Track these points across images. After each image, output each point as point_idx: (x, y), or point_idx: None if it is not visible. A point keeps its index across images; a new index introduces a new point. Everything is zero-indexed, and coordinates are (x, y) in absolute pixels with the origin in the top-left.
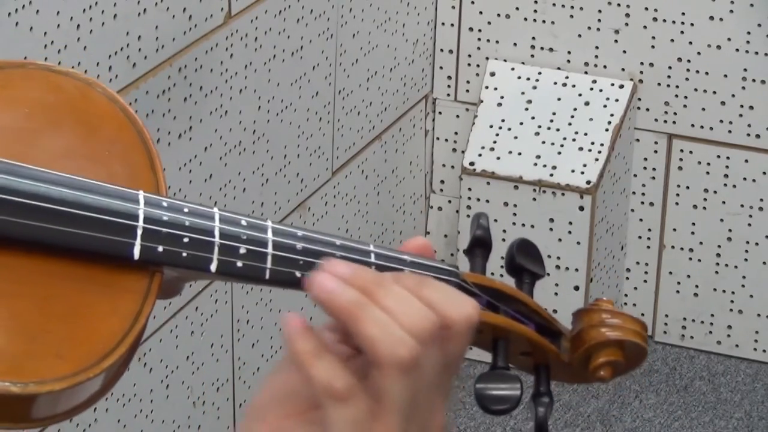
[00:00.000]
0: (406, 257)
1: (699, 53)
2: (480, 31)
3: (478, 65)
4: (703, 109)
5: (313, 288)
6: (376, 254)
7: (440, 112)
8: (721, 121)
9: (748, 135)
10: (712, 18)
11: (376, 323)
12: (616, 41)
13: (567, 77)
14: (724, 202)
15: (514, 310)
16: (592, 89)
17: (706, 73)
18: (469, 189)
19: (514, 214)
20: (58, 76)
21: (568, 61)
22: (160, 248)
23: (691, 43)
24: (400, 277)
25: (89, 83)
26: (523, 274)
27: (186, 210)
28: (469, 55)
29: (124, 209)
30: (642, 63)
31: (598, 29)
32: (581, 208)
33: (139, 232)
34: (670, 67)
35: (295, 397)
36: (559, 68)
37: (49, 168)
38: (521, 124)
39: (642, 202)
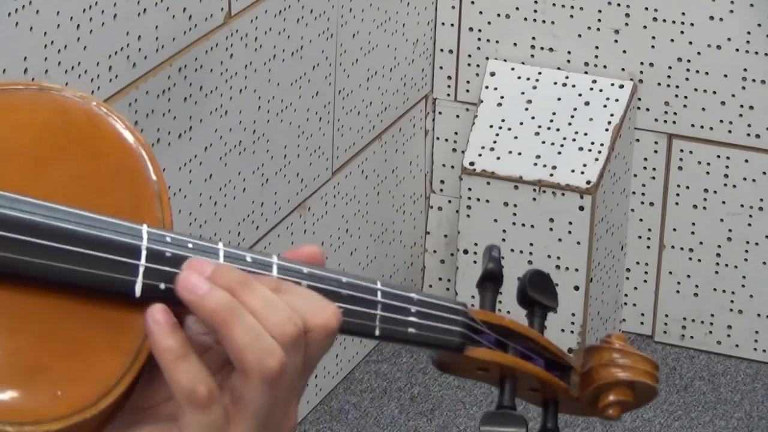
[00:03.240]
0: (413, 296)
1: (699, 53)
2: (480, 31)
3: (478, 65)
4: (703, 109)
5: (180, 288)
6: (383, 292)
7: (440, 112)
8: (721, 121)
9: (748, 135)
10: (712, 18)
11: (246, 331)
12: (616, 41)
13: (567, 77)
14: (724, 202)
15: (523, 346)
16: (592, 89)
17: (706, 73)
18: (469, 189)
19: (514, 214)
20: (67, 100)
21: (568, 61)
22: (162, 286)
23: (691, 43)
24: (262, 279)
25: (98, 107)
26: (535, 306)
27: (190, 245)
28: (469, 55)
29: (126, 246)
30: (642, 63)
31: (598, 29)
32: (581, 208)
33: (141, 269)
34: (670, 67)
35: (150, 390)
36: (559, 68)
37: (53, 198)
38: (521, 124)
39: (642, 202)
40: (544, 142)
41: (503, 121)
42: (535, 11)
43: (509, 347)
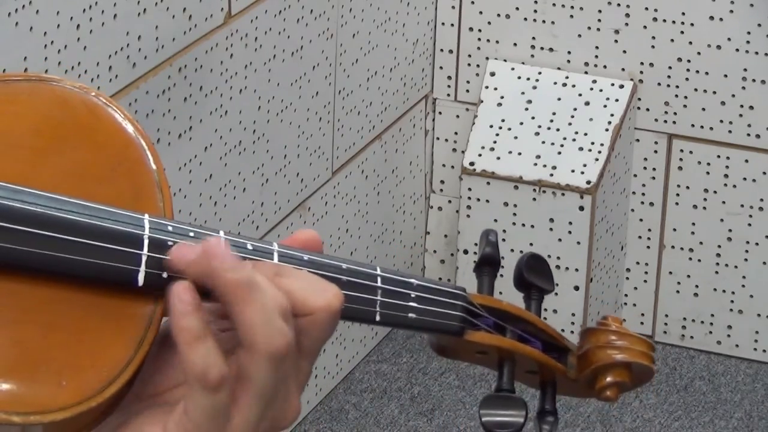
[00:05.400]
0: (413, 281)
1: (699, 53)
2: (480, 31)
3: (478, 65)
4: (703, 109)
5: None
6: (383, 278)
7: (440, 112)
8: (721, 121)
9: (748, 135)
10: (712, 18)
11: (259, 309)
12: (616, 41)
13: (567, 77)
14: (724, 202)
15: (521, 329)
16: (592, 89)
17: (706, 73)
18: (469, 189)
19: (514, 214)
20: (66, 91)
21: (568, 61)
22: (165, 275)
23: (691, 43)
24: (263, 264)
25: (97, 98)
26: (532, 289)
27: (191, 234)
28: (469, 55)
29: (128, 236)
30: (642, 63)
31: (598, 29)
32: (581, 208)
33: (144, 259)
34: (670, 67)
35: (154, 378)
36: (559, 68)
37: (54, 189)
38: (521, 124)
39: (642, 202)
40: (544, 142)
41: (503, 121)
42: (535, 11)
43: (507, 330)
